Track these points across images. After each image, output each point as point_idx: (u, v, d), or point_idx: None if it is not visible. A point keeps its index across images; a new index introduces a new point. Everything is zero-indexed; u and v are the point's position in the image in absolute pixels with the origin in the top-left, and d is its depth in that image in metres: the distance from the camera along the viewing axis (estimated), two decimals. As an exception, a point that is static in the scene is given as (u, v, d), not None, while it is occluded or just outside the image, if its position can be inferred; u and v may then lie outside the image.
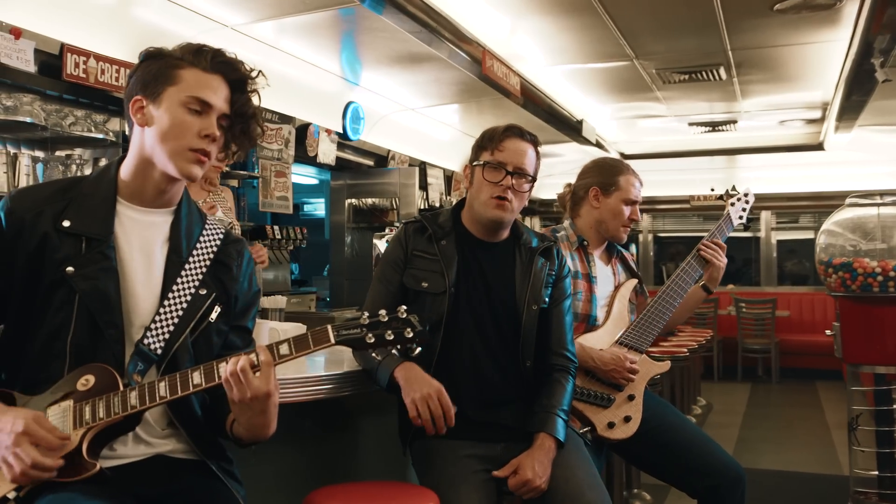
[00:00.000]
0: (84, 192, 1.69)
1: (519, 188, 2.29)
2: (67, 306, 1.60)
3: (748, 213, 3.04)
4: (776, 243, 10.60)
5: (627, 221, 2.83)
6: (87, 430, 1.53)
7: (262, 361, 1.55)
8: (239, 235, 1.92)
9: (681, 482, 2.76)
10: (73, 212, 1.64)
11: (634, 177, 2.87)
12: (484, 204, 2.27)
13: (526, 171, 2.30)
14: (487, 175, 2.28)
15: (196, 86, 1.64)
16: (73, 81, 3.91)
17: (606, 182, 2.84)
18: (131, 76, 1.71)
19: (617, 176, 2.84)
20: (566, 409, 2.29)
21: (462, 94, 6.83)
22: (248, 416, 1.60)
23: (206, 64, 1.66)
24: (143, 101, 1.66)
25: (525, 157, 2.30)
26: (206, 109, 1.65)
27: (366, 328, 1.57)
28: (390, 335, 1.57)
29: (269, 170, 5.56)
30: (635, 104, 8.00)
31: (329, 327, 1.57)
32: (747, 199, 3.05)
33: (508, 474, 2.14)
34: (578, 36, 5.74)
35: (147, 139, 1.66)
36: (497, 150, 2.29)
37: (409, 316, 1.59)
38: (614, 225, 2.82)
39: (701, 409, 7.31)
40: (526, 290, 2.30)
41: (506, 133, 2.32)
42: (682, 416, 2.86)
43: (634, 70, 6.59)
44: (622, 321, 2.81)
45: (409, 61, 5.79)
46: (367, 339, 1.57)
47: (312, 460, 2.44)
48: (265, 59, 5.33)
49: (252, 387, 1.55)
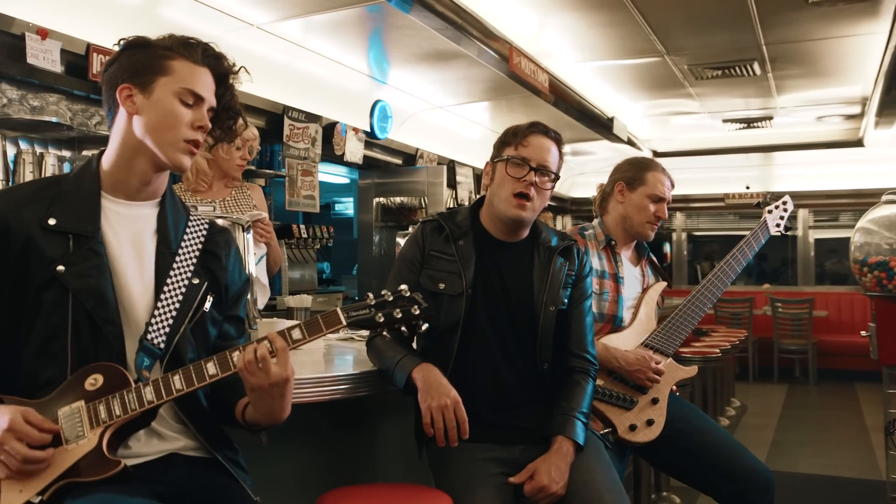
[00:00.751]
0: (66, 188, 1.67)
1: (542, 185, 2.24)
2: (61, 306, 1.58)
3: (786, 221, 2.95)
4: (814, 242, 10.40)
5: (653, 218, 2.78)
6: (105, 429, 1.53)
7: (277, 348, 1.57)
8: (225, 226, 1.90)
9: (707, 486, 2.70)
10: (57, 209, 1.63)
11: (664, 175, 2.82)
12: (505, 202, 2.23)
13: (549, 168, 2.25)
14: (511, 170, 2.23)
15: (188, 78, 1.65)
16: (99, 81, 3.91)
17: (632, 177, 2.80)
18: (112, 63, 1.69)
19: (644, 172, 2.80)
20: (585, 411, 2.23)
21: (490, 91, 6.78)
22: (268, 401, 1.61)
23: (197, 57, 1.67)
24: (131, 90, 1.64)
25: (549, 154, 2.25)
26: (199, 102, 1.66)
27: (374, 308, 1.61)
28: (398, 313, 1.61)
29: (295, 169, 5.56)
30: (668, 101, 7.89)
31: (339, 309, 1.60)
32: (786, 207, 2.97)
33: (525, 479, 2.09)
34: (608, 32, 5.67)
35: (137, 128, 1.64)
36: (521, 145, 2.25)
37: (413, 294, 1.63)
38: (639, 220, 2.77)
39: (735, 410, 7.18)
40: (544, 291, 2.25)
41: (530, 129, 2.28)
42: (708, 419, 2.79)
43: (666, 66, 6.49)
44: (649, 323, 2.76)
45: (436, 59, 5.76)
46: (377, 318, 1.60)
47: (329, 461, 2.42)
48: (292, 58, 5.34)
49: (271, 373, 1.57)
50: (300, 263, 5.92)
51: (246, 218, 2.75)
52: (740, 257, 2.85)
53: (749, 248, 2.87)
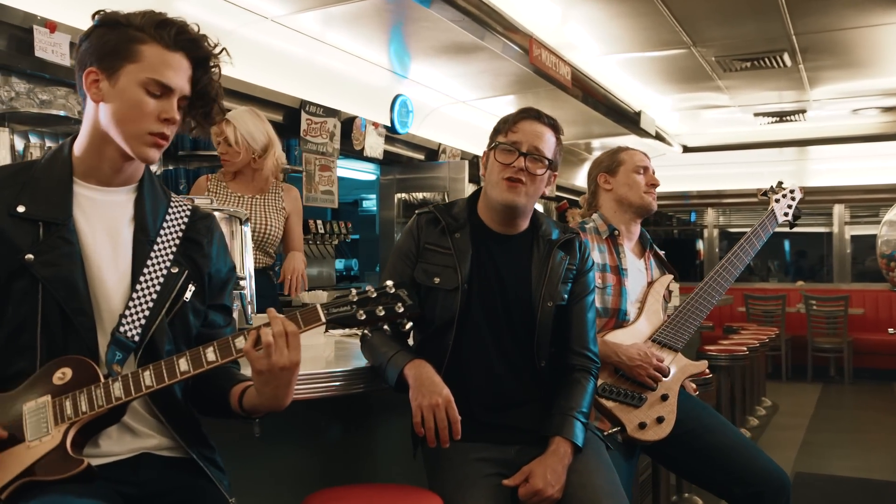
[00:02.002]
0: (37, 175, 1.60)
1: (533, 171, 2.14)
2: (31, 297, 1.51)
3: (794, 210, 2.91)
4: (850, 238, 10.14)
5: (647, 187, 2.71)
6: (69, 426, 1.47)
7: (289, 332, 1.50)
8: (209, 211, 1.82)
9: (720, 488, 2.61)
10: (27, 196, 1.56)
11: (636, 151, 2.79)
12: (496, 186, 2.14)
13: (542, 153, 2.15)
14: (500, 157, 2.15)
15: (158, 66, 1.54)
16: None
17: (609, 164, 2.77)
18: (83, 40, 1.61)
19: (617, 154, 2.78)
20: (585, 411, 2.14)
21: (513, 85, 6.69)
22: (274, 385, 1.54)
23: (168, 41, 1.56)
24: (97, 75, 1.56)
25: (541, 139, 2.16)
26: (167, 92, 1.56)
27: (356, 305, 1.53)
28: (381, 311, 1.53)
29: (312, 164, 5.52)
30: (697, 94, 7.74)
31: (318, 306, 1.53)
32: (793, 196, 2.93)
33: (520, 482, 2.01)
34: (632, 23, 5.56)
35: (102, 116, 1.57)
36: (511, 131, 2.17)
37: (398, 290, 1.55)
38: (634, 195, 2.70)
39: (765, 410, 7.01)
40: (542, 286, 2.17)
41: (521, 115, 2.20)
42: (722, 419, 2.69)
43: (693, 58, 6.35)
44: (656, 318, 2.67)
45: (458, 52, 5.70)
46: (359, 315, 1.52)
47: (324, 461, 2.36)
48: (309, 52, 5.31)
49: (284, 356, 1.50)
50: (317, 259, 5.88)
51: (243, 211, 2.72)
52: (748, 248, 2.77)
53: (757, 239, 2.81)
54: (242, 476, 2.08)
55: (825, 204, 10.10)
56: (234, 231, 2.60)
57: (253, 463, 2.11)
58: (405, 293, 1.55)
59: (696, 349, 5.57)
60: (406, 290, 1.56)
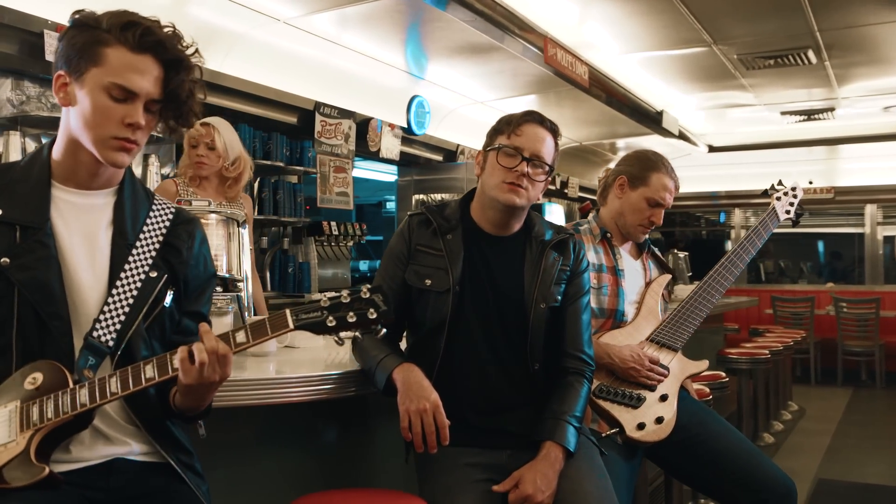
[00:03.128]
0: (15, 177, 1.59)
1: (534, 177, 2.12)
2: (6, 300, 1.51)
3: (796, 209, 2.87)
4: (882, 239, 9.92)
5: (646, 222, 2.64)
6: (35, 432, 1.45)
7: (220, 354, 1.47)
8: (193, 215, 1.79)
9: (723, 495, 2.56)
10: (4, 200, 1.55)
11: (669, 179, 2.64)
12: (496, 188, 2.11)
13: (543, 159, 2.13)
14: (502, 160, 2.11)
15: (120, 70, 1.50)
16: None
17: (636, 175, 2.65)
18: (59, 42, 1.58)
19: (649, 172, 2.63)
20: (579, 415, 2.10)
21: (532, 85, 6.64)
22: (199, 395, 1.55)
23: (133, 43, 1.50)
24: (66, 78, 1.54)
25: (543, 144, 2.13)
26: (131, 96, 1.53)
27: (326, 311, 1.49)
28: (352, 317, 1.48)
29: (327, 165, 5.52)
30: (721, 93, 7.63)
31: (288, 311, 1.48)
32: (794, 194, 2.89)
33: (510, 488, 1.97)
34: (651, 21, 5.49)
35: (72, 120, 1.56)
36: (514, 134, 2.13)
37: (372, 296, 1.50)
38: (631, 220, 2.64)
39: (791, 414, 6.88)
40: (535, 287, 2.13)
41: (525, 118, 2.16)
42: (727, 425, 2.63)
43: (714, 56, 6.25)
44: (654, 318, 2.62)
45: (475, 52, 5.67)
46: (329, 322, 1.48)
47: (321, 464, 2.34)
48: (323, 53, 5.31)
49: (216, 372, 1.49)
50: (331, 261, 5.87)
51: (241, 213, 2.71)
52: (749, 247, 2.73)
53: (758, 238, 2.76)
54: (234, 478, 2.07)
55: (857, 204, 9.90)
56: (232, 233, 2.59)
57: (246, 464, 2.11)
58: (380, 298, 1.50)
59: (716, 351, 5.48)
60: (382, 295, 1.51)
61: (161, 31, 1.54)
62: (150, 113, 1.55)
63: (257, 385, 1.89)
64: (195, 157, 3.36)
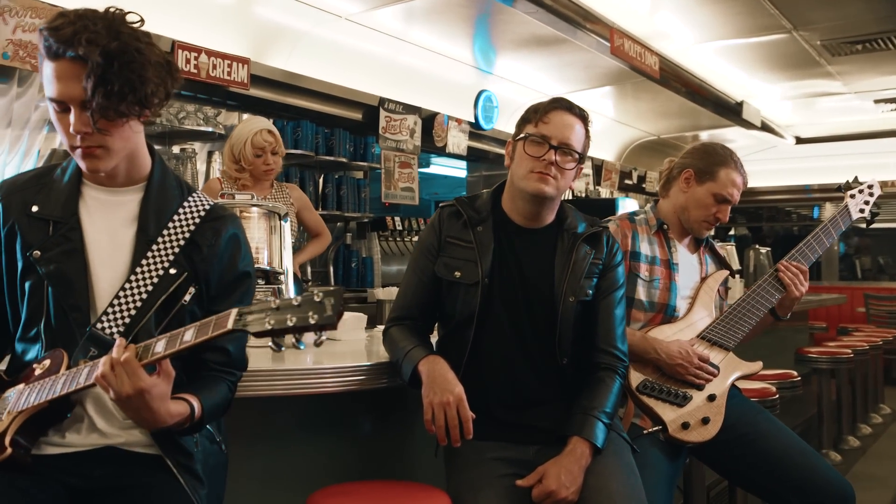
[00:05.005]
0: (55, 178, 1.66)
1: (563, 165, 2.06)
2: (38, 291, 1.58)
3: (871, 207, 2.71)
4: None
5: (711, 218, 2.53)
6: (17, 415, 1.51)
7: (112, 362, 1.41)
8: (228, 213, 1.76)
9: (774, 498, 2.45)
10: (42, 197, 1.63)
11: (738, 175, 2.54)
12: (524, 178, 2.07)
13: (572, 146, 2.07)
14: (529, 149, 2.06)
15: (49, 82, 1.50)
16: (185, 76, 4.05)
17: (703, 168, 2.54)
18: None
19: (717, 167, 2.53)
20: (609, 411, 2.03)
21: (603, 77, 6.51)
22: (133, 410, 1.46)
23: (48, 51, 1.48)
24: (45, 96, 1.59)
25: (572, 131, 2.07)
26: (65, 105, 1.50)
27: (270, 312, 1.39)
28: (292, 320, 1.38)
29: (392, 161, 5.54)
30: (806, 82, 7.30)
31: (232, 312, 1.41)
32: (871, 192, 2.72)
33: (534, 483, 1.92)
34: (725, 8, 5.31)
35: None
36: (541, 122, 2.08)
37: (324, 299, 1.38)
38: (696, 216, 2.53)
39: (882, 417, 6.53)
40: (564, 281, 2.08)
41: (552, 105, 2.11)
42: (779, 424, 2.50)
43: (796, 43, 5.99)
44: (707, 314, 2.52)
45: (542, 45, 5.60)
46: (267, 323, 1.39)
47: (354, 456, 2.34)
48: (387, 49, 5.32)
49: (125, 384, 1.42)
50: (395, 256, 5.89)
51: (283, 206, 2.74)
52: (816, 245, 2.57)
53: (827, 236, 2.61)
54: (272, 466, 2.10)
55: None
56: (274, 226, 2.61)
57: (284, 453, 2.13)
58: (332, 302, 1.38)
59: (794, 350, 5.25)
60: (335, 298, 1.39)
61: (68, 29, 1.45)
62: (93, 112, 1.48)
63: (286, 375, 1.91)
64: (263, 166, 3.40)
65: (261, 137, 3.35)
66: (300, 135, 4.99)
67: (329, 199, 5.33)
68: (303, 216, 3.72)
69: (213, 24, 4.26)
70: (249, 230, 2.59)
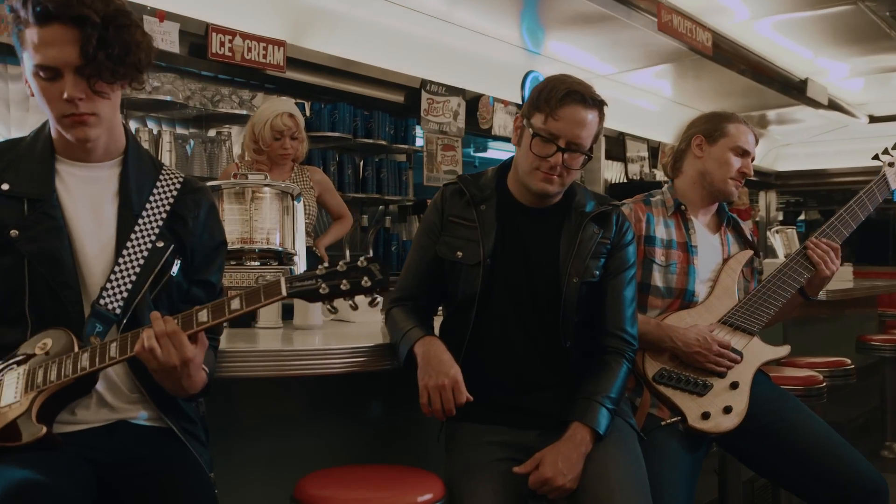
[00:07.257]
0: (21, 153, 1.63)
1: (570, 164, 1.97)
2: (17, 271, 1.55)
3: None
4: None
5: (737, 174, 2.40)
6: (38, 394, 1.50)
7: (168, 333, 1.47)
8: (201, 184, 1.79)
9: (803, 490, 2.33)
10: (11, 174, 1.58)
11: (747, 127, 2.44)
12: (529, 174, 1.99)
13: (581, 145, 1.95)
14: (536, 147, 1.96)
15: (37, 49, 1.47)
16: (219, 60, 4.07)
17: (712, 129, 2.43)
18: None
19: (724, 123, 2.43)
20: (614, 397, 1.94)
21: (656, 56, 6.29)
22: (173, 380, 1.53)
23: (35, 16, 1.45)
24: (23, 68, 1.56)
25: (583, 128, 1.94)
26: (56, 72, 1.48)
27: (321, 279, 1.51)
28: (346, 285, 1.51)
29: (434, 143, 5.48)
30: (877, 56, 6.97)
31: (282, 279, 1.50)
32: None
33: (531, 469, 1.85)
34: (782, -20, 5.07)
35: None
36: (552, 117, 1.94)
37: (369, 265, 1.52)
38: (720, 176, 2.40)
39: (954, 411, 6.18)
40: (569, 260, 1.99)
41: (566, 98, 1.94)
42: (808, 412, 2.37)
43: (862, 14, 5.70)
44: (729, 298, 2.38)
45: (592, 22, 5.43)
46: (321, 290, 1.50)
47: (361, 439, 2.31)
48: (430, 31, 5.26)
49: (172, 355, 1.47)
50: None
51: (295, 186, 2.71)
52: (849, 219, 2.40)
53: (862, 209, 2.43)
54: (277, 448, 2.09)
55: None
56: (287, 206, 2.59)
57: (290, 435, 2.12)
58: (377, 267, 1.51)
59: (855, 338, 5.00)
60: (379, 265, 1.52)
61: None
62: (88, 78, 1.49)
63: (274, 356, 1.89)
64: (281, 150, 3.38)
65: (280, 121, 3.33)
66: (337, 117, 4.94)
67: (369, 182, 5.29)
68: (324, 199, 3.71)
69: (249, 8, 4.27)
70: (261, 210, 2.59)
